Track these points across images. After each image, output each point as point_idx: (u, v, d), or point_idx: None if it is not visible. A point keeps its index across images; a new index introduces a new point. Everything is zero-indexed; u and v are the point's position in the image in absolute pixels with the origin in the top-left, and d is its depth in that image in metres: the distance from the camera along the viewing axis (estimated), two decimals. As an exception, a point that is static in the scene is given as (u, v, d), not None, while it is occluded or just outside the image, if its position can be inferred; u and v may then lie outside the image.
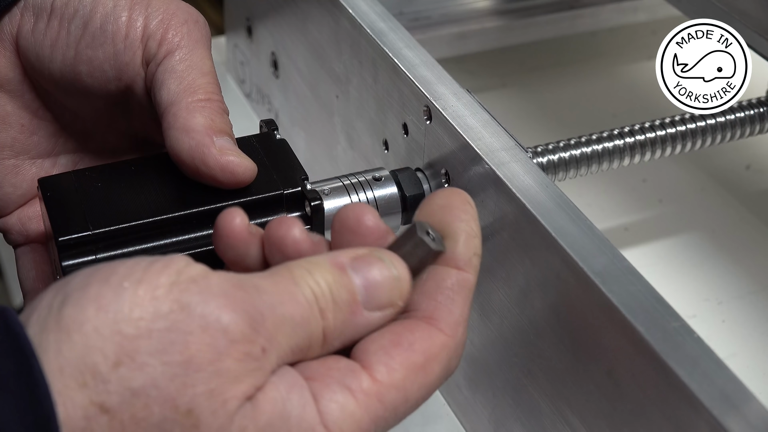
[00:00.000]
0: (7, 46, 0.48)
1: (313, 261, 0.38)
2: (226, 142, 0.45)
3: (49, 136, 0.51)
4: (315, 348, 0.38)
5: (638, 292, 0.40)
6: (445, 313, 0.39)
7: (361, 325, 0.38)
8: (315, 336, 0.37)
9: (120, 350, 0.33)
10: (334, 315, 0.37)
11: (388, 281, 0.38)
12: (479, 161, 0.47)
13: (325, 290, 0.37)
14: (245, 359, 0.34)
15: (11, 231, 0.51)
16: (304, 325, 0.37)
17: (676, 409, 0.37)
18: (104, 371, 0.33)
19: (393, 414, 0.38)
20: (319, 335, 0.37)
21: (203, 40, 0.48)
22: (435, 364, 0.39)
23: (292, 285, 0.37)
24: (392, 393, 0.37)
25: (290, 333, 0.36)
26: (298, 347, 0.37)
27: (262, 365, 0.35)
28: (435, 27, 0.80)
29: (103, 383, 0.32)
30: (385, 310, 0.39)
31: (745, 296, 0.67)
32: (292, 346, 0.37)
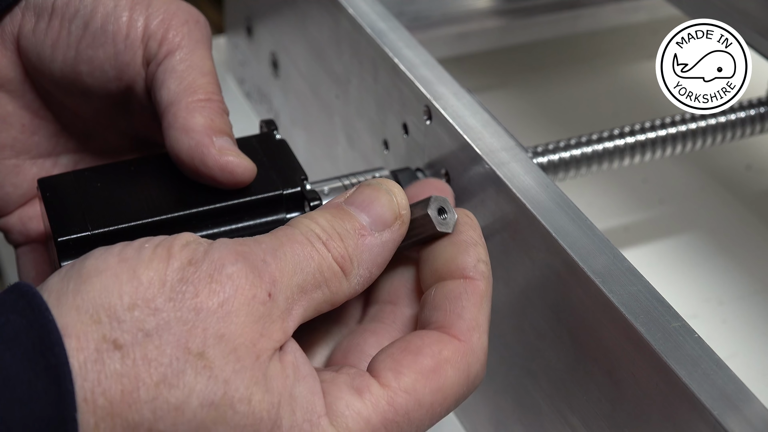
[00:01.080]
0: (8, 46, 0.48)
1: (311, 212, 0.41)
2: (225, 142, 0.45)
3: (49, 136, 0.51)
4: (334, 281, 0.39)
5: (638, 292, 0.40)
6: (455, 319, 0.40)
7: (376, 246, 0.40)
8: (327, 268, 0.38)
9: (136, 294, 0.34)
10: (344, 243, 0.39)
11: (383, 198, 0.40)
12: (479, 161, 0.47)
13: (325, 225, 0.39)
14: (251, 302, 0.36)
15: (12, 231, 0.52)
16: (309, 260, 0.38)
17: (676, 409, 0.37)
18: (119, 311, 0.34)
19: (406, 419, 0.38)
20: (332, 266, 0.38)
21: (204, 40, 0.48)
22: (448, 368, 0.39)
23: (290, 229, 0.39)
24: (402, 396, 0.38)
25: (294, 270, 0.38)
26: (309, 283, 0.38)
27: (270, 310, 0.36)
28: (435, 27, 0.80)
29: (117, 322, 0.34)
30: (393, 227, 0.40)
31: (746, 296, 0.67)
32: (300, 283, 0.38)
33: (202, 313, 0.35)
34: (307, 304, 0.38)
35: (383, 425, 0.37)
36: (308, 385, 0.37)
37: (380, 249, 0.40)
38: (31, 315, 0.33)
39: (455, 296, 0.40)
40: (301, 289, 0.38)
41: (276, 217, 0.47)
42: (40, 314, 0.33)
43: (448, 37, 0.81)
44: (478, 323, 0.40)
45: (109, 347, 0.33)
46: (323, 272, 0.38)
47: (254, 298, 0.36)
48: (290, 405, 0.36)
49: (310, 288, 0.38)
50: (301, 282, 0.38)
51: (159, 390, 0.33)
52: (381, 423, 0.37)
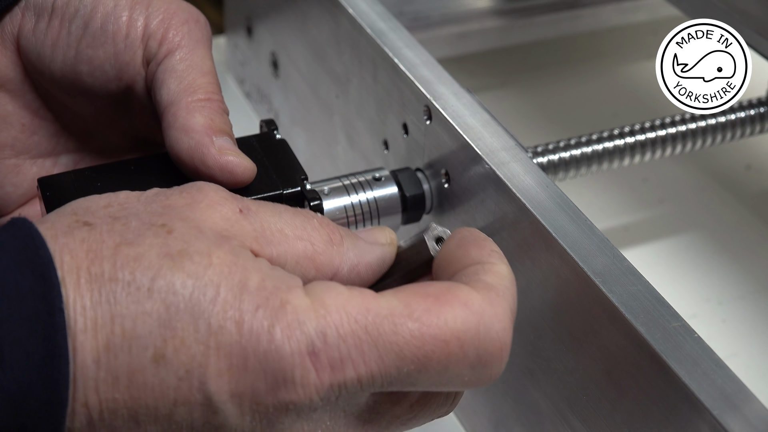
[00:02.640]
0: (8, 46, 0.48)
1: None
2: (225, 142, 0.45)
3: (50, 136, 0.51)
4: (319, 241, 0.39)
5: (638, 292, 0.40)
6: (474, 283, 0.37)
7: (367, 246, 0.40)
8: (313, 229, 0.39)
9: (112, 200, 0.37)
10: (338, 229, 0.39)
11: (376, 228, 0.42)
12: (479, 161, 0.47)
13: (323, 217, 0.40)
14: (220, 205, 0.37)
15: (12, 230, 0.52)
16: (294, 216, 0.39)
17: (676, 409, 0.37)
18: (94, 208, 0.36)
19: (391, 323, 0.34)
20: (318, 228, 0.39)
21: (204, 40, 0.48)
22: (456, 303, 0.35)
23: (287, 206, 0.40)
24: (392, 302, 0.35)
25: (275, 213, 0.38)
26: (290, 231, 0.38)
27: (240, 223, 0.37)
28: (435, 27, 0.80)
29: (90, 213, 0.36)
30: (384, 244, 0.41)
31: (746, 296, 0.67)
32: (280, 227, 0.38)
33: (170, 207, 0.37)
34: (287, 248, 0.37)
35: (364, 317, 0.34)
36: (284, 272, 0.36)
37: (370, 249, 0.40)
38: (17, 229, 0.34)
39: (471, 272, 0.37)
40: (280, 230, 0.38)
41: None
42: (26, 227, 0.34)
43: (448, 37, 0.81)
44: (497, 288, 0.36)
45: (79, 225, 0.35)
46: (307, 229, 0.38)
47: (224, 204, 0.37)
48: (259, 273, 0.35)
49: (291, 235, 0.38)
50: (282, 225, 0.38)
51: (119, 248, 0.34)
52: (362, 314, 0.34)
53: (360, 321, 0.34)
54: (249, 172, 0.46)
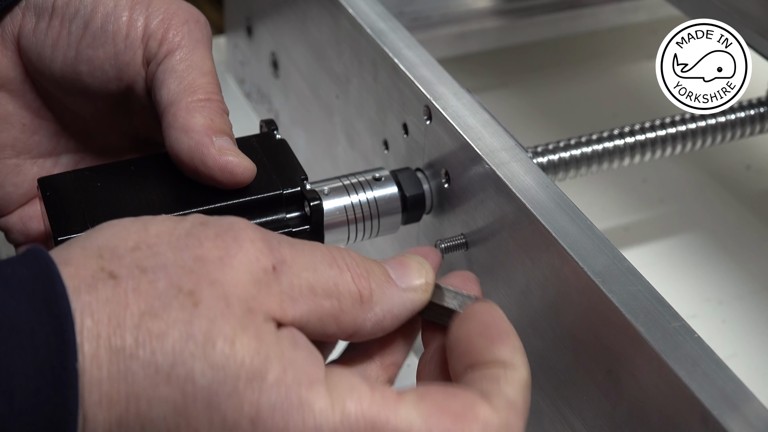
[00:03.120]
0: (8, 46, 0.48)
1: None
2: (225, 142, 0.45)
3: (50, 136, 0.51)
4: (348, 300, 0.37)
5: (638, 292, 0.40)
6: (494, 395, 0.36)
7: (397, 296, 0.39)
8: (344, 284, 0.37)
9: (141, 240, 0.35)
10: (369, 277, 0.38)
11: (414, 263, 0.40)
12: (479, 161, 0.47)
13: (355, 257, 0.38)
14: (253, 264, 0.36)
15: (12, 230, 0.52)
16: (327, 268, 0.37)
17: (676, 409, 0.37)
18: (121, 251, 0.35)
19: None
20: (349, 286, 0.37)
21: (204, 40, 0.48)
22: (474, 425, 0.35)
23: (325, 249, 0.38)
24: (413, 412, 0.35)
25: (309, 266, 0.37)
26: (320, 287, 0.37)
27: (270, 282, 0.36)
28: (435, 27, 0.80)
29: (117, 258, 0.34)
30: (416, 289, 0.39)
31: (746, 296, 0.67)
32: (311, 281, 0.37)
33: (201, 261, 0.35)
34: (313, 307, 0.37)
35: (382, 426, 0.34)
36: (307, 355, 0.35)
37: (400, 301, 0.39)
38: (36, 267, 0.33)
39: (493, 377, 0.37)
40: (311, 288, 0.37)
41: (276, 216, 0.47)
42: (47, 267, 0.33)
43: (448, 37, 0.81)
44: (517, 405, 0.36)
45: (105, 276, 0.34)
46: (338, 286, 0.37)
47: (257, 262, 0.36)
48: (281, 362, 0.34)
49: (321, 293, 0.37)
50: (313, 281, 0.37)
51: (143, 319, 0.33)
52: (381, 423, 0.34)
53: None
54: (249, 172, 0.46)
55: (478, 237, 0.48)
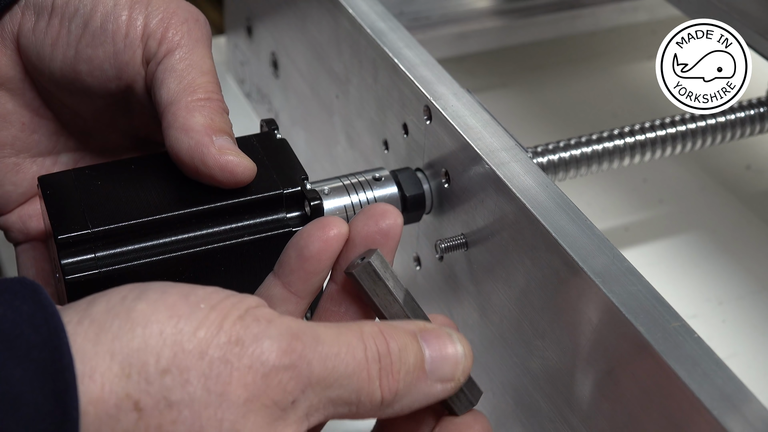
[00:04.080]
0: (8, 45, 0.48)
1: (389, 324, 0.39)
2: (225, 142, 0.45)
3: (49, 135, 0.51)
4: (367, 406, 0.37)
5: (638, 292, 0.40)
6: None
7: (423, 393, 0.39)
8: (367, 394, 0.37)
9: (173, 359, 0.34)
10: (400, 378, 0.38)
11: (455, 356, 0.39)
12: (479, 161, 0.47)
13: (394, 350, 0.38)
14: (273, 407, 0.35)
15: (12, 229, 0.52)
16: (355, 379, 0.37)
17: (676, 409, 0.37)
18: (151, 372, 0.33)
19: None
20: (373, 395, 0.37)
21: (203, 39, 0.48)
22: None
23: (356, 339, 0.37)
24: None
25: (335, 384, 0.37)
26: (342, 399, 0.37)
27: (287, 414, 0.36)
28: (435, 27, 0.80)
29: (146, 383, 0.33)
30: (446, 384, 0.39)
31: (746, 296, 0.67)
32: (333, 397, 0.37)
33: (226, 401, 0.34)
34: (329, 414, 0.37)
35: None
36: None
37: (424, 398, 0.39)
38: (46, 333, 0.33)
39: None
40: (331, 401, 0.37)
41: (276, 216, 0.47)
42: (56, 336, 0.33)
43: (448, 37, 0.81)
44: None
45: (130, 407, 0.33)
46: (361, 395, 0.37)
47: (276, 405, 0.35)
48: None
49: (341, 403, 0.37)
50: (335, 397, 0.37)
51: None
52: None
53: None
54: (249, 171, 0.46)
55: (478, 237, 0.48)
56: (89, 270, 0.43)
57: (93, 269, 0.43)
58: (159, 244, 0.45)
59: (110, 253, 0.44)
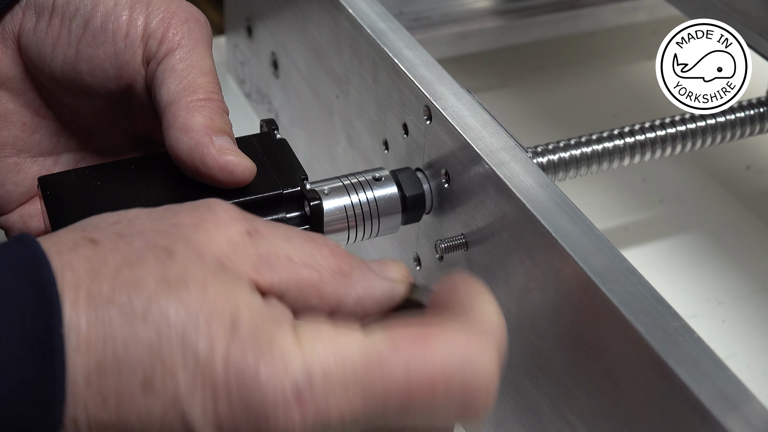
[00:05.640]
0: (8, 45, 0.48)
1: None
2: (225, 142, 0.45)
3: (50, 135, 0.51)
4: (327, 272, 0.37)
5: (638, 292, 0.40)
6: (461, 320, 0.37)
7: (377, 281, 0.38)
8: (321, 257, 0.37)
9: (121, 216, 0.37)
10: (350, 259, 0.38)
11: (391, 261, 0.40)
12: (479, 161, 0.47)
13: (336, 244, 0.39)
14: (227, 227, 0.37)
15: (13, 229, 0.52)
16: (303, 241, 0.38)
17: (676, 409, 0.37)
18: (102, 225, 0.37)
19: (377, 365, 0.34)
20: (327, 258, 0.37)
21: (204, 39, 0.48)
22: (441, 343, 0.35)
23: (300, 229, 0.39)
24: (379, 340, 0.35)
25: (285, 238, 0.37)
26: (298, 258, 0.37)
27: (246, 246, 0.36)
28: (435, 27, 0.80)
29: (98, 229, 0.36)
30: (395, 281, 0.39)
31: (746, 296, 0.67)
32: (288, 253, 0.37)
33: (177, 226, 0.36)
34: (291, 275, 0.37)
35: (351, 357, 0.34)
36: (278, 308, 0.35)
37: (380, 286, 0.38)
38: (23, 247, 0.34)
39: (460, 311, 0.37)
40: (288, 257, 0.37)
41: (276, 216, 0.47)
42: (30, 243, 0.34)
43: (448, 37, 0.81)
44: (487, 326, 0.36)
45: (85, 242, 0.35)
46: (316, 258, 0.37)
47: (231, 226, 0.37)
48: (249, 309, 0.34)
49: (299, 262, 0.37)
50: (290, 251, 0.37)
51: (120, 270, 0.34)
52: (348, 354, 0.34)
53: (347, 361, 0.34)
54: (249, 171, 0.46)
55: (478, 237, 0.48)
56: (89, 270, 0.43)
57: (93, 269, 0.43)
58: (159, 244, 0.45)
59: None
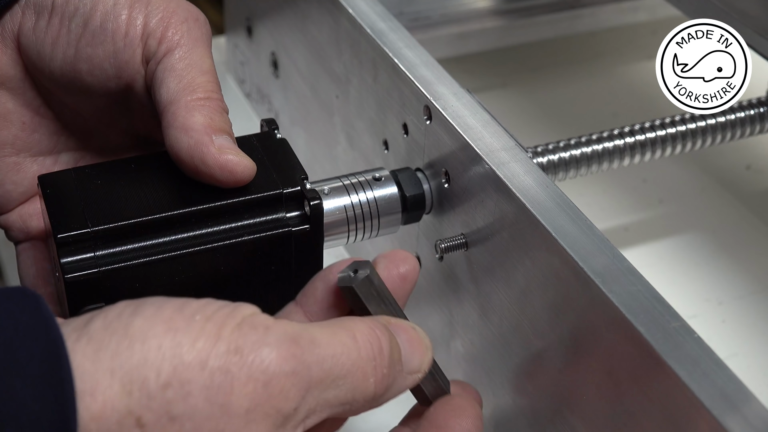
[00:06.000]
0: (8, 44, 0.48)
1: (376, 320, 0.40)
2: (225, 141, 0.45)
3: (50, 134, 0.51)
4: (362, 402, 0.39)
5: (638, 292, 0.40)
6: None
7: (403, 384, 0.41)
8: (361, 390, 0.38)
9: (173, 373, 0.34)
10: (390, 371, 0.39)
11: (422, 347, 0.42)
12: (479, 161, 0.47)
13: (386, 348, 0.39)
14: (275, 416, 0.36)
15: (12, 228, 0.52)
16: (349, 378, 0.38)
17: (676, 409, 0.37)
18: (152, 387, 0.34)
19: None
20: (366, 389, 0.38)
21: (203, 39, 0.48)
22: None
23: (350, 339, 0.38)
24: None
25: (333, 383, 0.37)
26: (339, 400, 0.38)
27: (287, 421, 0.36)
28: (435, 27, 0.80)
29: (147, 398, 0.33)
30: (415, 375, 0.41)
31: (746, 296, 0.67)
32: (330, 399, 0.37)
33: (228, 412, 0.35)
34: (325, 414, 0.38)
35: None
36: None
37: (403, 387, 0.41)
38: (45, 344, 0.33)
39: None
40: (328, 402, 0.38)
41: (276, 216, 0.47)
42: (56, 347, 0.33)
43: (448, 37, 0.81)
44: None
45: (132, 423, 0.33)
46: (356, 393, 0.38)
47: (279, 413, 0.36)
48: None
49: (337, 403, 0.38)
50: (332, 398, 0.38)
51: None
52: None
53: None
54: (249, 171, 0.46)
55: (478, 237, 0.48)
56: (89, 269, 0.43)
57: (92, 268, 0.43)
58: (158, 243, 0.45)
59: (110, 252, 0.44)
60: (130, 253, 0.44)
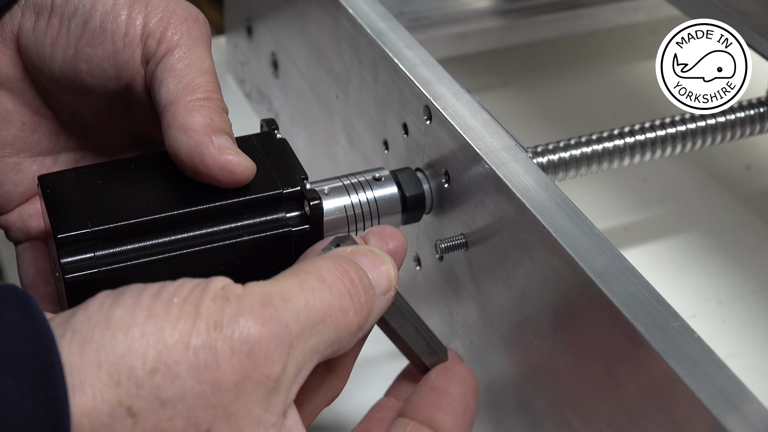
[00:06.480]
0: (8, 44, 0.48)
1: (338, 253, 0.41)
2: (225, 141, 0.45)
3: (50, 134, 0.51)
4: (347, 338, 0.39)
5: (638, 292, 0.40)
6: None
7: (378, 307, 0.41)
8: (344, 326, 0.39)
9: (159, 357, 0.34)
10: (366, 297, 0.40)
11: (387, 269, 0.42)
12: (479, 161, 0.47)
13: (355, 278, 0.40)
14: (265, 381, 0.36)
15: (12, 228, 0.52)
16: (328, 320, 0.38)
17: (676, 409, 0.37)
18: (140, 375, 0.34)
19: None
20: (351, 325, 0.39)
21: (203, 39, 0.48)
22: None
23: (318, 282, 0.39)
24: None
25: (314, 330, 0.38)
26: (323, 344, 0.38)
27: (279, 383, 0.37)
28: (435, 27, 0.80)
29: (136, 387, 0.34)
30: (388, 294, 0.42)
31: (746, 296, 0.67)
32: (315, 345, 0.38)
33: (218, 390, 0.35)
34: (315, 361, 0.38)
35: None
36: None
37: (379, 311, 0.41)
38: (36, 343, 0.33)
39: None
40: (315, 350, 0.38)
41: (276, 216, 0.47)
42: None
43: (448, 37, 0.81)
44: None
45: (123, 413, 0.33)
46: (339, 331, 0.39)
47: (268, 377, 0.36)
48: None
49: (323, 347, 0.38)
50: (317, 345, 0.38)
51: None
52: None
53: None
54: (248, 171, 0.46)
55: (478, 237, 0.48)
56: (88, 269, 0.43)
57: (92, 268, 0.43)
58: (158, 243, 0.45)
59: (110, 252, 0.44)
60: (130, 253, 0.44)
